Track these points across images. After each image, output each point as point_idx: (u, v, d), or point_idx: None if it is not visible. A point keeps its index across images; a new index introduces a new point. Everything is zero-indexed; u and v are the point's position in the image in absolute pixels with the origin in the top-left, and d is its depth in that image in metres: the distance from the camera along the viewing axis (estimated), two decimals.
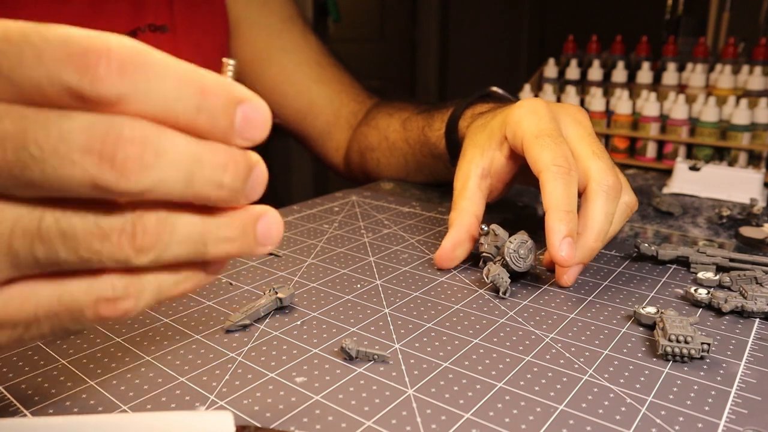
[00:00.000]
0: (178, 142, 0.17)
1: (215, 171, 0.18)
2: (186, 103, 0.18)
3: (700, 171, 0.65)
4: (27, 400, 0.27)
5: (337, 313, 0.36)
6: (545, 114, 0.42)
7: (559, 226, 0.37)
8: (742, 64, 0.82)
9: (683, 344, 0.30)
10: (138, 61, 0.17)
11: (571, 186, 0.38)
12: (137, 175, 0.17)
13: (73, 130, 0.16)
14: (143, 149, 0.17)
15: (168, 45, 0.60)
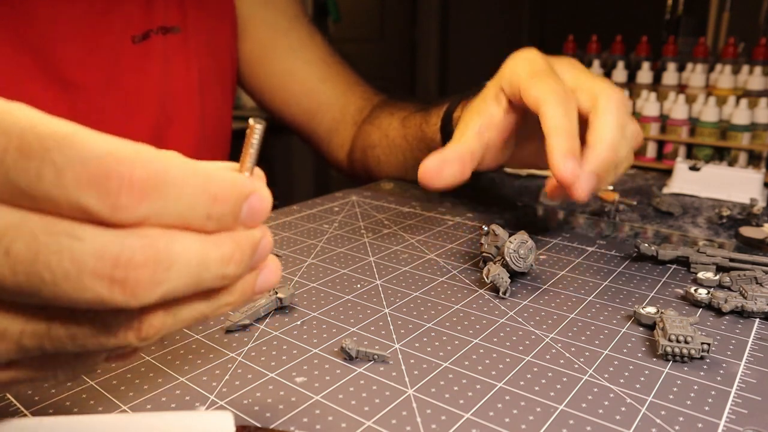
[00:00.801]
0: (186, 251, 0.18)
1: (221, 267, 0.19)
2: (198, 212, 0.18)
3: (700, 171, 0.65)
4: (27, 400, 0.27)
5: (337, 313, 0.36)
6: (539, 59, 0.42)
7: (560, 143, 0.35)
8: (742, 64, 0.82)
9: (683, 344, 0.30)
10: (158, 182, 0.17)
11: (570, 111, 0.37)
12: (147, 292, 0.17)
13: (85, 253, 0.16)
14: (154, 269, 0.17)
15: (179, 46, 0.60)
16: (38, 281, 0.16)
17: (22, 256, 0.16)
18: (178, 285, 0.18)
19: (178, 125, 0.62)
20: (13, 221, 0.16)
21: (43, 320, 0.18)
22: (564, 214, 0.59)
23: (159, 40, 0.59)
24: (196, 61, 0.62)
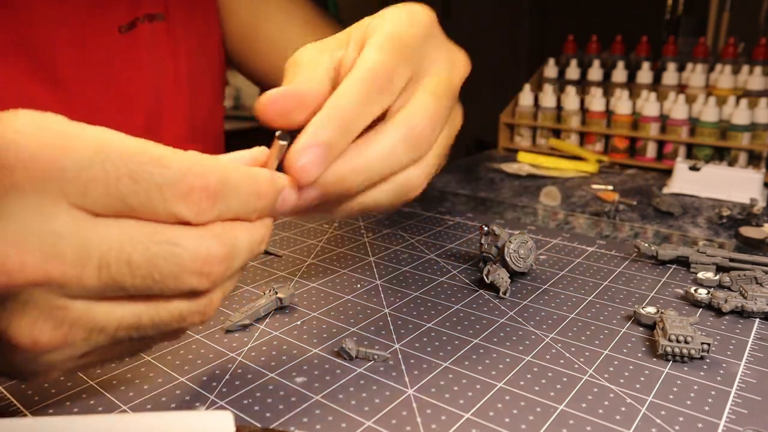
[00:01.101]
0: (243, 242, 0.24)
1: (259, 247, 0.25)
2: (249, 208, 0.24)
3: (700, 171, 0.65)
4: (27, 400, 0.27)
5: (337, 313, 0.36)
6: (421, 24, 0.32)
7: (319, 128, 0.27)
8: (742, 64, 0.82)
9: (683, 344, 0.30)
10: (223, 188, 0.22)
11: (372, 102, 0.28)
12: (222, 278, 0.23)
13: (185, 258, 0.22)
14: (228, 262, 0.23)
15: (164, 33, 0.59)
16: (151, 281, 0.21)
17: (139, 263, 0.21)
18: (237, 268, 0.24)
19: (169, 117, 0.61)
20: (125, 236, 0.21)
21: (136, 308, 0.22)
22: (564, 214, 0.59)
23: (146, 28, 0.57)
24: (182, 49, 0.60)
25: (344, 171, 0.28)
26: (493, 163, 0.80)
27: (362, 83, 0.28)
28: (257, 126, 0.71)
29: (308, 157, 0.26)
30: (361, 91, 0.28)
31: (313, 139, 0.27)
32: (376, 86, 0.28)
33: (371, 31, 0.32)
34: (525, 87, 0.90)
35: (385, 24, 0.32)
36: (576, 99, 0.85)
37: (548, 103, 0.87)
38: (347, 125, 0.27)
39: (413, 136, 0.29)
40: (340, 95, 0.28)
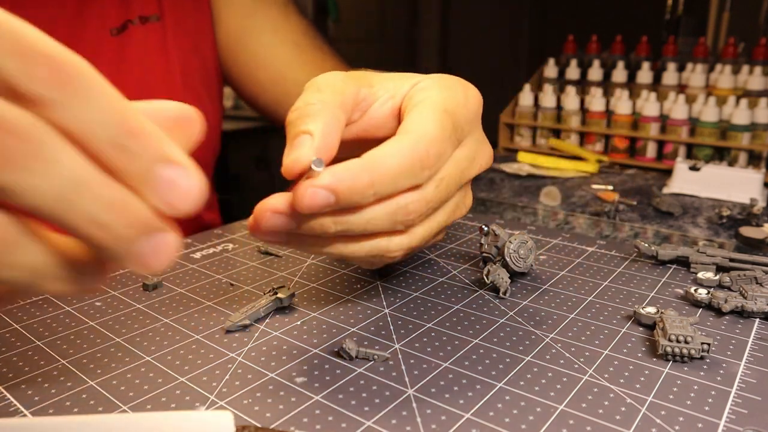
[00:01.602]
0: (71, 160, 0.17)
1: (96, 204, 0.17)
2: (107, 130, 0.17)
3: (700, 171, 0.65)
4: (27, 400, 0.27)
5: (337, 313, 0.36)
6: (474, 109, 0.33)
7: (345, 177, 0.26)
8: (742, 64, 0.82)
9: (683, 344, 0.30)
10: (84, 80, 0.17)
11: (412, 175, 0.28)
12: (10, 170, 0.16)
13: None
14: (30, 148, 0.16)
15: (158, 35, 0.58)
16: None
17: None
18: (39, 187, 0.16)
19: None
20: None
21: None
22: (564, 214, 0.59)
23: (138, 30, 0.57)
24: (176, 51, 0.60)
25: (323, 217, 0.27)
26: (493, 163, 0.80)
27: (409, 154, 0.28)
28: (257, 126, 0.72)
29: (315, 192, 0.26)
30: (406, 162, 0.28)
31: (330, 181, 0.26)
32: (421, 163, 0.28)
33: (420, 97, 0.31)
34: (525, 87, 0.90)
35: (441, 94, 0.31)
36: (576, 99, 0.85)
37: (548, 103, 0.87)
38: (373, 188, 0.27)
39: (402, 214, 0.29)
40: (383, 155, 0.27)
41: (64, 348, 0.32)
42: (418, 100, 0.31)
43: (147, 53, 0.58)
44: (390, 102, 0.33)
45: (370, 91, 0.33)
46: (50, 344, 0.32)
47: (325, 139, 0.28)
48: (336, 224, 0.28)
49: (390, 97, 0.33)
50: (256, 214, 0.28)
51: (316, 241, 0.29)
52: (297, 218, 0.28)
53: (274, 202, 0.28)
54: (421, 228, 0.31)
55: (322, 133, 0.28)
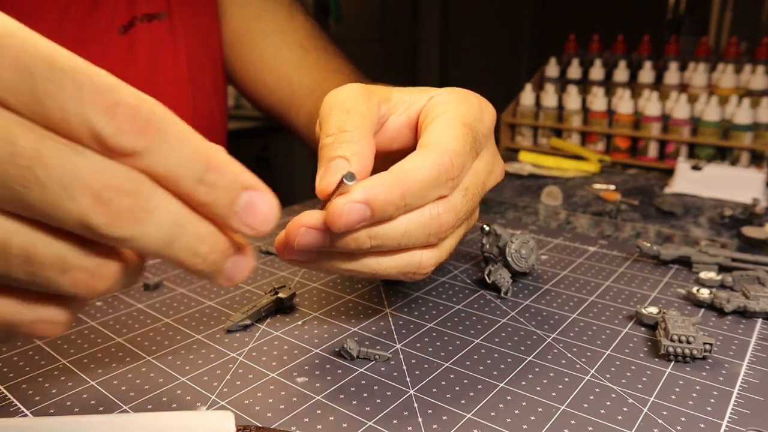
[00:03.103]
0: (169, 205, 0.19)
1: (193, 239, 0.19)
2: (191, 172, 0.19)
3: (702, 171, 0.65)
4: (28, 400, 0.27)
5: (338, 313, 0.36)
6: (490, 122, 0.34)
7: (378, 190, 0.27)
8: (744, 63, 0.82)
9: (685, 344, 0.30)
10: (162, 126, 0.18)
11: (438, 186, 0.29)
12: (124, 224, 0.18)
13: (84, 167, 0.17)
14: (137, 203, 0.18)
15: (165, 32, 0.59)
16: (32, 177, 0.17)
17: (25, 150, 0.17)
18: (151, 232, 0.18)
19: None
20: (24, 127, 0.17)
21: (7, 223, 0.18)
22: (566, 213, 0.59)
23: (144, 27, 0.57)
24: (184, 49, 0.60)
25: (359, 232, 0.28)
26: None
27: (436, 166, 0.29)
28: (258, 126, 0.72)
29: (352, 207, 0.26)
30: (433, 174, 0.28)
31: (364, 195, 0.27)
32: (447, 174, 0.29)
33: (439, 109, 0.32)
34: (526, 86, 0.90)
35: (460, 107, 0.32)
36: (577, 98, 0.85)
37: (550, 103, 0.87)
38: (404, 200, 0.28)
39: (436, 225, 0.30)
40: (412, 168, 0.28)
41: (65, 348, 0.31)
42: (437, 113, 0.32)
43: (155, 51, 0.58)
44: (405, 114, 0.34)
45: (388, 106, 0.34)
46: (51, 344, 0.32)
47: (360, 164, 0.29)
48: (371, 239, 0.28)
49: (405, 110, 0.34)
50: (289, 231, 0.28)
51: (348, 259, 0.29)
52: (332, 235, 0.28)
53: (307, 219, 0.28)
54: (449, 240, 0.32)
55: (358, 158, 0.29)
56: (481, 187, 0.33)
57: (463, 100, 0.33)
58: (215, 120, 0.67)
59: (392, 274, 0.30)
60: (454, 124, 0.31)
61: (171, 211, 0.19)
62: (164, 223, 0.19)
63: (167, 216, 0.19)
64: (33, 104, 0.17)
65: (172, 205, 0.19)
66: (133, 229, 0.18)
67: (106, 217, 0.17)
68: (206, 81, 0.63)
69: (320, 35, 0.67)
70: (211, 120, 0.66)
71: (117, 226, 0.18)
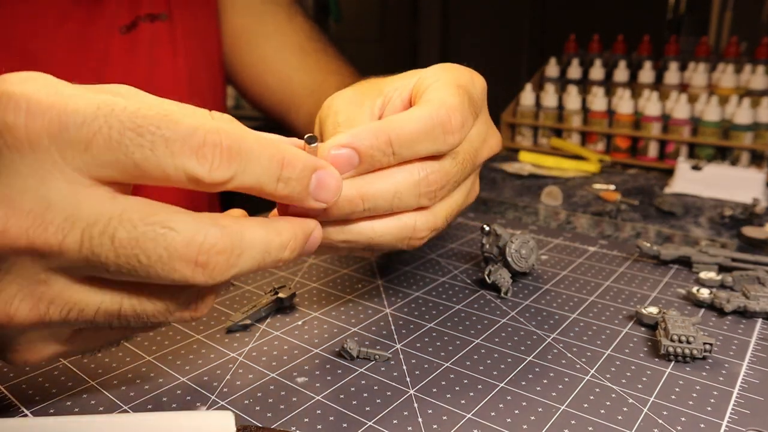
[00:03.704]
0: (254, 239, 0.22)
1: (279, 252, 0.23)
2: (271, 174, 0.22)
3: (702, 171, 0.65)
4: (28, 400, 0.27)
5: (338, 313, 0.36)
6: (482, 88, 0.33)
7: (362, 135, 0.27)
8: (744, 63, 0.82)
9: (685, 344, 0.30)
10: (240, 147, 0.21)
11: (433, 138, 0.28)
12: (222, 274, 0.21)
13: (176, 241, 0.20)
14: (230, 255, 0.21)
15: (166, 33, 0.59)
16: (136, 263, 0.20)
17: (125, 242, 0.20)
18: (244, 267, 0.22)
19: None
20: (116, 211, 0.20)
21: (117, 296, 0.21)
22: (566, 213, 0.59)
23: (146, 28, 0.57)
24: (183, 51, 0.60)
25: (351, 193, 0.27)
26: (495, 163, 0.80)
27: (430, 117, 0.28)
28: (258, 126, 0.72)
29: (338, 153, 0.26)
30: (426, 124, 0.28)
31: (350, 140, 0.27)
32: (442, 127, 0.28)
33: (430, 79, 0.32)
34: (526, 86, 0.90)
35: (449, 74, 0.32)
36: (577, 98, 0.85)
37: (550, 103, 0.87)
38: (392, 146, 0.27)
39: (425, 185, 0.29)
40: (403, 117, 0.28)
41: None
42: (428, 83, 0.32)
43: (155, 52, 0.58)
44: (399, 99, 0.34)
45: (382, 99, 0.34)
46: None
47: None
48: (364, 200, 0.28)
49: (399, 96, 0.34)
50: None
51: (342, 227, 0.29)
52: None
53: None
54: (442, 206, 0.32)
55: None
56: (474, 154, 0.32)
57: (451, 69, 0.33)
58: None
59: (389, 241, 0.30)
60: (447, 85, 0.30)
61: (257, 243, 0.22)
62: (254, 255, 0.22)
63: (255, 249, 0.22)
64: (133, 171, 0.20)
65: (255, 236, 0.22)
66: (231, 273, 0.21)
67: (206, 274, 0.21)
68: (204, 83, 0.63)
69: (320, 37, 0.68)
70: None
71: (217, 277, 0.21)
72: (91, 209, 0.19)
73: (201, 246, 0.20)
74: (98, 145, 0.19)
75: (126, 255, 0.20)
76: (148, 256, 0.20)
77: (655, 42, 0.94)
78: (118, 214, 0.20)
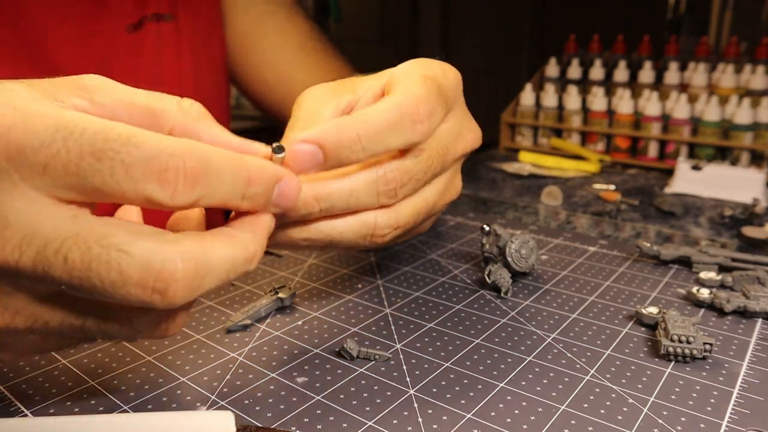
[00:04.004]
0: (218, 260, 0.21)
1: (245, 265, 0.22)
2: (237, 193, 0.22)
3: (702, 171, 0.65)
4: (28, 400, 0.27)
5: (338, 313, 0.36)
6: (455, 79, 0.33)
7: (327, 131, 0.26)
8: (744, 63, 0.82)
9: (685, 344, 0.30)
10: (204, 169, 0.20)
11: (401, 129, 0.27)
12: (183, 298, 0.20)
13: (131, 267, 0.19)
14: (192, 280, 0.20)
15: (172, 34, 0.59)
16: (90, 286, 0.19)
17: (77, 264, 0.19)
18: (209, 287, 0.21)
19: None
20: (72, 231, 0.19)
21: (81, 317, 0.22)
22: (566, 213, 0.59)
23: (152, 27, 0.57)
24: (188, 51, 0.61)
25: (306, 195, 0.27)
26: (495, 163, 0.80)
27: (397, 108, 0.28)
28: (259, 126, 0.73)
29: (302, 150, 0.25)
30: (393, 116, 0.27)
31: (315, 136, 0.26)
32: (410, 117, 0.28)
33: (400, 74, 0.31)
34: (526, 86, 0.90)
35: (419, 68, 0.31)
36: (577, 98, 0.85)
37: (550, 103, 0.87)
38: (360, 142, 0.27)
39: (383, 183, 0.29)
40: (370, 110, 0.27)
41: None
42: (397, 77, 0.31)
43: (161, 52, 0.59)
44: (371, 95, 0.33)
45: (353, 96, 0.33)
46: None
47: None
48: (319, 201, 0.27)
49: (372, 92, 0.33)
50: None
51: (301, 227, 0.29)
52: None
53: None
54: (407, 204, 0.31)
55: None
56: (443, 150, 0.31)
57: (422, 63, 0.32)
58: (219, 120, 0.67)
59: (349, 239, 0.29)
60: (414, 76, 0.30)
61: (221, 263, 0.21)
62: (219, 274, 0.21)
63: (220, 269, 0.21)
64: (93, 193, 0.19)
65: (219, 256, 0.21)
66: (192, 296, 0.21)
67: (166, 299, 0.20)
68: (209, 83, 0.64)
69: (320, 37, 0.69)
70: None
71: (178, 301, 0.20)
72: (49, 229, 0.19)
73: (159, 273, 0.19)
74: (56, 168, 0.19)
75: (79, 277, 0.19)
76: (101, 279, 0.19)
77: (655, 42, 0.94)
78: (74, 234, 0.19)
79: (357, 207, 0.29)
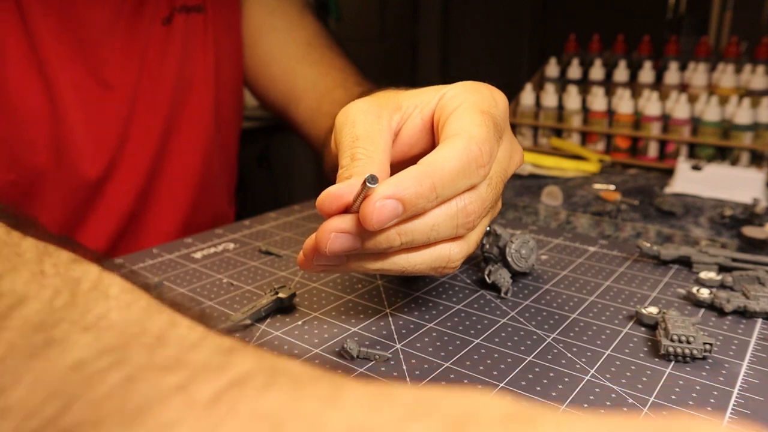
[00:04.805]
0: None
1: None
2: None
3: (702, 171, 0.65)
4: None
5: (338, 313, 0.36)
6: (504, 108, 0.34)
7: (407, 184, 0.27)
8: (744, 63, 0.82)
9: (685, 344, 0.30)
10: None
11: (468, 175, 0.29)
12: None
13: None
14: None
15: (200, 26, 0.61)
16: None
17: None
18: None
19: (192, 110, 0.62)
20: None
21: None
22: (566, 213, 0.59)
23: (181, 19, 0.59)
24: (212, 44, 0.62)
25: (389, 229, 0.28)
26: None
27: (464, 154, 0.28)
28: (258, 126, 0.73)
29: (383, 205, 0.26)
30: (463, 163, 0.28)
31: (394, 190, 0.27)
32: (476, 161, 0.29)
33: (454, 103, 0.32)
34: (526, 86, 0.90)
35: (473, 97, 0.32)
36: (577, 98, 0.85)
37: (550, 103, 0.87)
38: (435, 191, 0.28)
39: (463, 216, 0.30)
40: (440, 159, 0.28)
41: None
42: (453, 106, 0.32)
43: (189, 43, 0.61)
44: (419, 117, 0.34)
45: (400, 114, 0.34)
46: None
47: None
48: (401, 236, 0.28)
49: (419, 113, 0.34)
50: (319, 237, 0.28)
51: (377, 259, 0.30)
52: (362, 236, 0.28)
53: (337, 224, 0.28)
54: (476, 231, 0.32)
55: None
56: (503, 174, 0.33)
57: (473, 90, 0.33)
58: (233, 113, 0.69)
59: (422, 270, 0.31)
60: (472, 112, 0.31)
61: None
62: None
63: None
64: None
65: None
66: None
67: None
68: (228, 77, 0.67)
69: (327, 35, 0.69)
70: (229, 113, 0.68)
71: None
72: None
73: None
74: None
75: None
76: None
77: (655, 42, 0.94)
78: None
79: (436, 240, 0.30)
